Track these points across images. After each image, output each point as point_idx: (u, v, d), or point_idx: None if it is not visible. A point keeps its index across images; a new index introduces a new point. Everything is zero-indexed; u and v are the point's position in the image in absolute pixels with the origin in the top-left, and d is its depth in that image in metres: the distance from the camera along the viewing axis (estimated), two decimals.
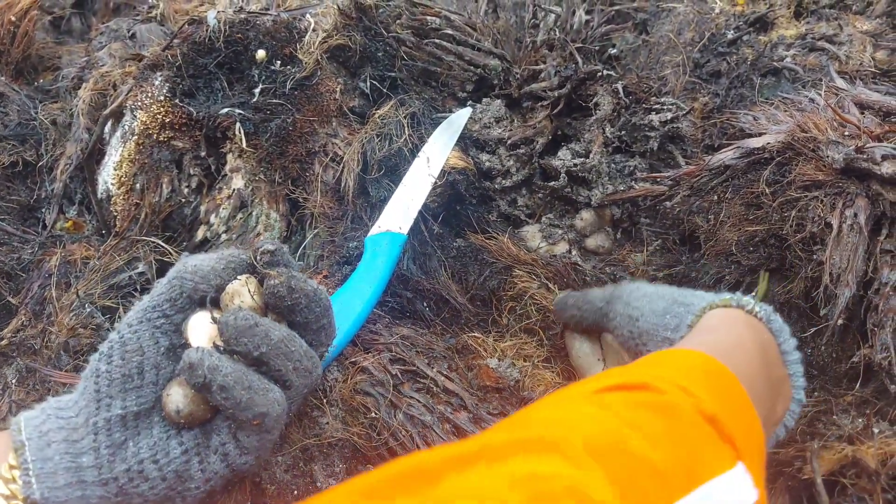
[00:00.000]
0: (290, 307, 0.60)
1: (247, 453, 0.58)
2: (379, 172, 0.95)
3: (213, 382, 0.54)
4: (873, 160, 0.70)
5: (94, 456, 0.55)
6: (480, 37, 1.02)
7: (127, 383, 0.57)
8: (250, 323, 0.57)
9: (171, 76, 1.01)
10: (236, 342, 0.57)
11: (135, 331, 0.58)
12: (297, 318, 0.61)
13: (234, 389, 0.55)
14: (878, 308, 0.69)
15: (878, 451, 0.63)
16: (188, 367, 0.54)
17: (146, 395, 0.58)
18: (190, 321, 0.59)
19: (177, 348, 0.59)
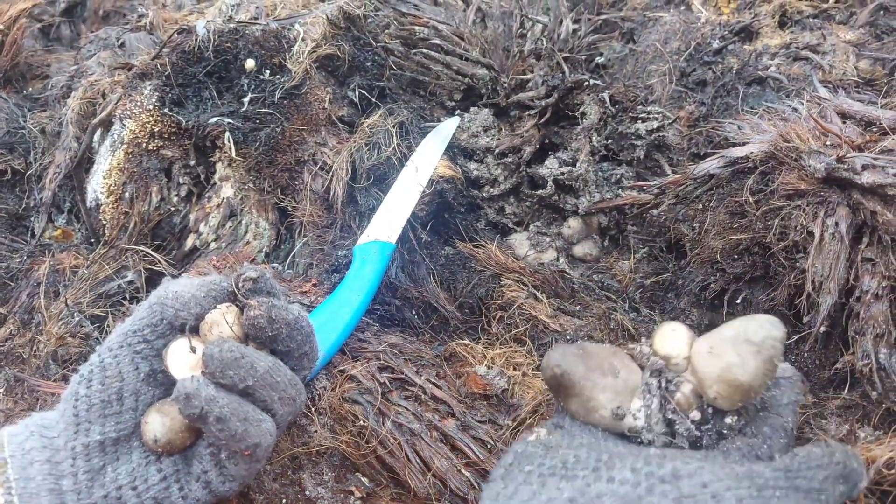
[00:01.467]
0: (271, 337, 0.60)
1: (231, 480, 0.58)
2: (367, 181, 0.96)
3: (209, 414, 0.54)
4: (854, 170, 0.71)
5: (73, 480, 0.55)
6: (468, 46, 1.03)
7: (106, 409, 0.57)
8: (236, 355, 0.57)
9: (160, 85, 1.02)
10: (222, 375, 0.56)
11: (115, 355, 0.58)
12: (278, 346, 0.61)
13: (230, 421, 0.55)
14: (859, 315, 0.70)
15: (860, 457, 0.64)
16: (184, 398, 0.54)
17: (125, 421, 0.57)
18: (170, 348, 0.59)
19: (157, 373, 0.59)
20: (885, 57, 1.14)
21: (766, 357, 0.48)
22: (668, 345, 0.53)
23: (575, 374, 0.51)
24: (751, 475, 0.43)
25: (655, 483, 0.42)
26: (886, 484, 0.63)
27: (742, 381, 0.48)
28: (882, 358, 0.67)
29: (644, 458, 0.45)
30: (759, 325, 0.50)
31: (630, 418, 0.52)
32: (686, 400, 0.51)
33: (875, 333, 0.68)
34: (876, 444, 0.65)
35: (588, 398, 0.51)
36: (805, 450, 0.46)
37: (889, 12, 1.24)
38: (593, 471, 0.45)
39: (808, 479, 0.43)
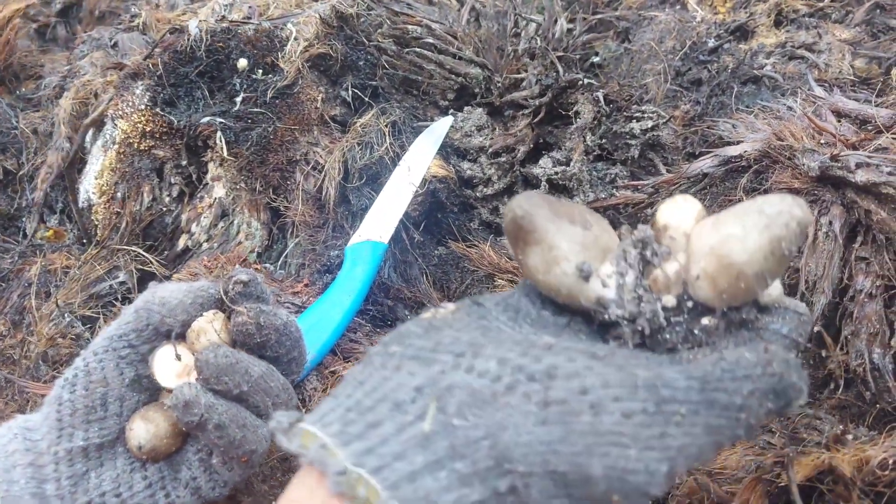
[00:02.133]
0: (259, 344, 0.59)
1: (222, 486, 0.57)
2: (360, 181, 0.95)
3: (209, 421, 0.54)
4: (848, 168, 0.70)
5: (56, 485, 0.54)
6: (462, 45, 1.03)
7: (90, 415, 0.56)
8: (231, 361, 0.56)
9: (151, 85, 1.01)
10: (217, 381, 0.56)
11: (100, 360, 0.57)
12: (267, 353, 0.61)
13: (229, 428, 0.54)
14: (853, 315, 0.69)
15: (853, 457, 0.63)
16: (183, 406, 0.53)
17: (109, 426, 0.57)
18: (156, 354, 0.58)
19: (142, 379, 0.59)
20: (880, 55, 1.13)
21: (774, 236, 0.37)
22: (672, 214, 0.42)
23: (537, 217, 0.41)
24: (653, 384, 0.34)
25: (521, 380, 0.34)
26: (881, 485, 0.63)
27: (735, 258, 0.38)
28: (876, 358, 0.66)
29: (523, 347, 0.36)
30: (780, 199, 0.38)
31: (597, 283, 0.41)
32: (665, 279, 0.41)
33: (869, 333, 0.67)
34: (870, 445, 0.65)
35: (550, 246, 0.41)
36: (735, 353, 0.37)
37: (885, 11, 1.23)
38: (456, 356, 0.36)
39: (730, 392, 0.35)
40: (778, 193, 0.39)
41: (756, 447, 0.74)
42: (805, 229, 0.38)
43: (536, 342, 0.37)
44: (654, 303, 0.41)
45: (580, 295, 0.41)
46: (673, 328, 0.41)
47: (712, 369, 0.35)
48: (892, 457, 0.62)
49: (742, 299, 0.39)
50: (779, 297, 0.41)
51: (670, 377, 0.35)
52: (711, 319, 0.40)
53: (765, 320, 0.41)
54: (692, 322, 0.41)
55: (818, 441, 0.68)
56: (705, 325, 0.40)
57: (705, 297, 0.40)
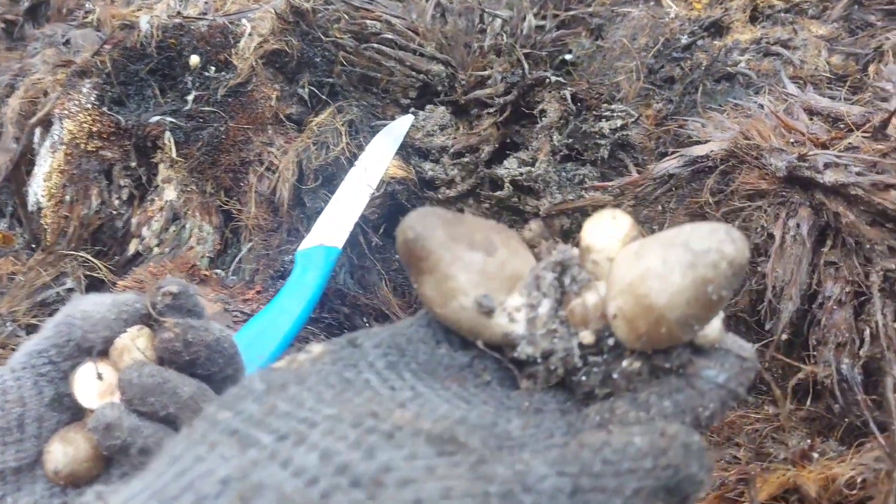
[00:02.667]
0: (188, 362, 0.55)
1: None
2: (315, 182, 0.91)
3: (132, 446, 0.50)
4: (816, 168, 0.67)
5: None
6: (423, 41, 0.99)
7: (5, 436, 0.52)
8: (157, 380, 0.52)
9: (99, 83, 0.97)
10: (141, 402, 0.51)
11: (17, 377, 0.53)
12: (198, 371, 0.57)
13: (155, 452, 0.50)
14: (821, 323, 0.66)
15: (819, 475, 0.60)
16: (104, 429, 0.49)
17: (27, 449, 0.53)
18: (77, 373, 0.54)
19: (63, 398, 0.55)
20: (857, 52, 1.10)
21: (699, 278, 0.31)
22: (596, 233, 0.35)
23: (430, 241, 0.35)
24: (509, 490, 0.27)
25: (341, 486, 0.27)
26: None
27: (654, 299, 0.31)
28: (844, 369, 0.63)
29: (361, 432, 0.29)
30: (710, 232, 0.31)
31: (503, 318, 0.35)
32: (583, 312, 0.35)
33: (837, 342, 0.64)
34: (837, 462, 0.61)
35: (444, 276, 0.35)
36: (623, 437, 0.29)
37: (863, 6, 1.20)
38: (279, 439, 0.29)
39: (609, 492, 0.28)
40: (710, 223, 0.32)
41: (722, 461, 0.70)
42: (740, 271, 0.31)
43: (384, 424, 0.30)
44: (570, 339, 0.35)
45: (483, 332, 0.36)
46: (590, 369, 0.35)
47: (592, 460, 0.29)
48: (860, 475, 0.58)
49: (665, 345, 0.34)
50: (718, 338, 0.34)
51: (537, 475, 0.28)
52: (634, 363, 0.34)
53: (699, 365, 0.34)
54: (613, 363, 0.35)
55: (785, 457, 0.65)
56: (626, 369, 0.34)
57: (624, 339, 0.34)
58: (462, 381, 0.36)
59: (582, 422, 0.34)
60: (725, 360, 0.34)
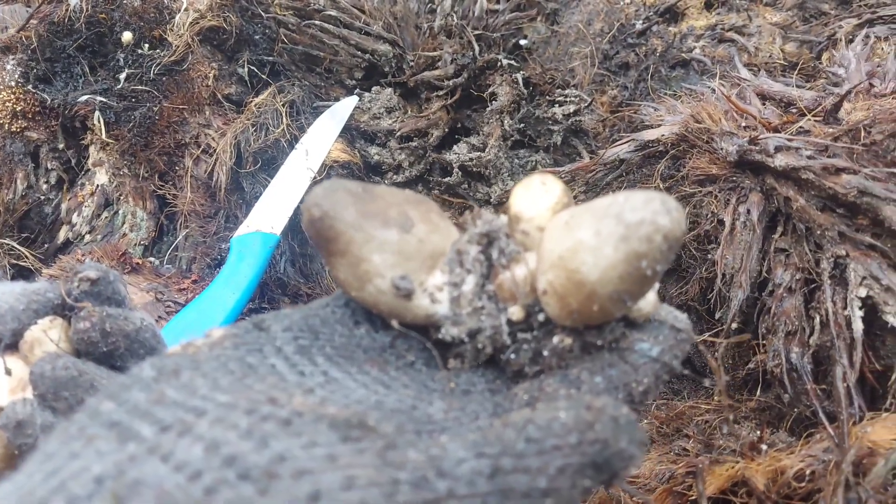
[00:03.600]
0: (106, 353, 0.51)
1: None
2: (255, 166, 0.87)
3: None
4: (767, 152, 0.65)
5: None
6: (370, 20, 0.95)
7: None
8: (72, 373, 0.48)
9: (24, 60, 0.91)
10: (55, 396, 0.47)
11: None
12: (116, 363, 0.53)
13: None
14: (771, 311, 0.64)
15: (767, 467, 0.58)
16: (14, 426, 0.46)
17: None
18: None
19: None
20: (811, 40, 1.09)
21: (632, 251, 0.29)
22: (524, 201, 0.33)
23: (340, 220, 0.32)
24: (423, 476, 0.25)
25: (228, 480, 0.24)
26: (797, 498, 0.58)
27: (585, 275, 0.29)
28: (794, 358, 0.61)
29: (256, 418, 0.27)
30: (644, 203, 0.29)
31: (425, 299, 0.33)
32: (512, 286, 0.32)
33: (787, 331, 0.62)
34: (786, 454, 0.60)
35: (357, 258, 0.32)
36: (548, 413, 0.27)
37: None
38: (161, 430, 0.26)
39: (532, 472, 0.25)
40: (645, 192, 0.30)
41: (671, 454, 0.68)
42: (675, 244, 0.29)
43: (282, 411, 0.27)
44: (498, 315, 0.33)
45: (404, 315, 0.33)
46: (520, 346, 0.33)
47: (515, 439, 0.26)
48: (808, 467, 0.56)
49: (597, 321, 0.32)
50: (653, 311, 0.33)
51: (453, 460, 0.25)
52: (565, 339, 0.32)
53: (633, 338, 0.32)
54: (543, 340, 0.33)
55: (734, 448, 0.63)
56: (557, 346, 0.32)
57: (554, 316, 0.32)
58: (382, 364, 0.33)
59: (510, 402, 0.32)
60: (660, 332, 0.33)
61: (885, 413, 0.59)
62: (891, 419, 0.57)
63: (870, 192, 0.58)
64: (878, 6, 1.08)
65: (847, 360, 0.59)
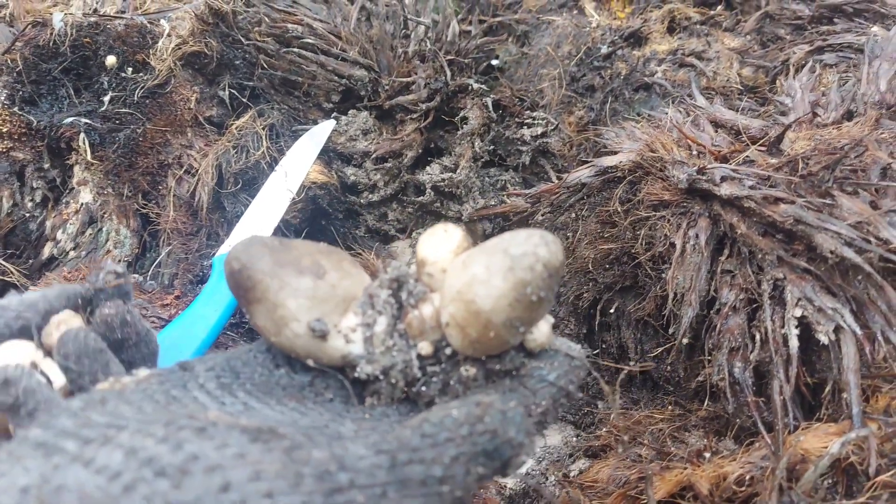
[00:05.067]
0: (118, 341, 0.56)
1: None
2: (235, 186, 0.91)
3: (22, 406, 0.49)
4: (713, 181, 0.70)
5: None
6: (346, 46, 0.99)
7: None
8: (98, 346, 0.52)
9: (10, 82, 0.94)
10: (77, 361, 0.52)
11: None
12: (122, 356, 0.57)
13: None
14: (717, 328, 0.69)
15: (712, 473, 0.63)
16: (1, 384, 0.49)
17: None
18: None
19: None
20: (767, 65, 1.15)
21: (518, 280, 0.33)
22: (429, 246, 0.37)
23: (257, 270, 0.35)
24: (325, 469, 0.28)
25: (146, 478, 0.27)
26: (737, 501, 0.63)
27: (480, 304, 0.33)
28: (737, 372, 0.66)
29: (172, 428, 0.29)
30: (525, 238, 0.34)
31: (339, 340, 0.36)
32: (420, 324, 0.36)
33: (731, 347, 0.67)
34: (729, 460, 0.65)
35: (274, 304, 0.35)
36: (442, 412, 0.31)
37: (774, 20, 1.25)
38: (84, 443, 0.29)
39: (427, 462, 0.29)
40: (526, 230, 0.34)
41: (627, 460, 0.73)
42: (555, 272, 0.34)
43: (197, 421, 0.30)
44: (408, 351, 0.36)
45: (320, 356, 0.36)
46: (430, 379, 0.36)
47: (411, 436, 0.30)
48: (748, 473, 0.61)
49: (496, 349, 0.35)
50: (547, 341, 0.37)
51: (355, 456, 0.29)
52: (469, 368, 0.36)
53: (531, 366, 0.37)
54: (451, 372, 0.36)
55: (682, 455, 0.68)
56: (463, 375, 0.36)
57: (458, 347, 0.36)
58: (301, 399, 0.36)
59: None
60: (555, 359, 0.37)
61: (817, 423, 0.64)
62: (822, 429, 0.63)
63: (804, 220, 0.64)
64: (829, 34, 1.14)
65: (784, 375, 0.64)
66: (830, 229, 0.63)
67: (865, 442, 0.60)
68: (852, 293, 0.63)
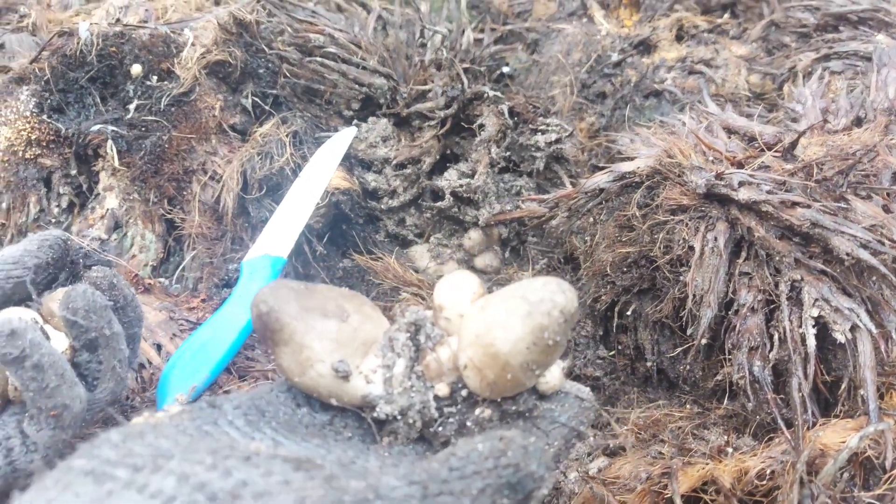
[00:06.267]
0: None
1: (34, 451, 0.53)
2: (260, 192, 0.93)
3: (27, 359, 0.51)
4: (731, 186, 0.73)
5: None
6: (366, 55, 1.01)
7: None
8: (104, 303, 0.56)
9: (38, 90, 0.96)
10: (85, 315, 0.55)
11: None
12: None
13: (47, 371, 0.52)
14: (735, 328, 0.71)
15: (734, 468, 0.65)
16: (7, 335, 0.50)
17: None
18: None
19: None
20: (773, 72, 1.18)
21: (535, 324, 0.35)
22: (446, 293, 0.39)
23: (284, 314, 0.37)
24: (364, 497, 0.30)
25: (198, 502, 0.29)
26: (759, 494, 0.65)
27: (499, 347, 0.35)
28: (756, 371, 0.69)
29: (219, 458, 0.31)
30: (543, 285, 0.36)
31: (360, 381, 0.38)
32: (438, 366, 0.38)
33: (750, 346, 0.70)
34: (750, 456, 0.67)
35: (300, 346, 0.37)
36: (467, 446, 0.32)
37: (779, 28, 1.28)
38: (134, 471, 0.30)
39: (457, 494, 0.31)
40: (543, 278, 0.37)
41: (648, 457, 0.76)
42: (570, 318, 0.36)
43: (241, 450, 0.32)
44: (426, 392, 0.38)
45: (342, 396, 0.38)
46: (446, 420, 0.38)
47: (439, 469, 0.32)
48: (769, 467, 0.64)
49: (512, 391, 0.37)
50: (559, 384, 0.40)
51: (388, 486, 0.31)
52: (486, 410, 0.38)
53: (543, 407, 0.39)
54: (467, 413, 0.38)
55: (704, 452, 0.70)
56: (479, 416, 0.38)
57: (475, 388, 0.37)
58: (323, 437, 0.38)
59: None
60: (566, 401, 0.40)
61: (834, 419, 0.66)
62: (840, 424, 0.65)
63: (821, 224, 0.66)
64: (835, 42, 1.17)
65: (802, 373, 0.67)
66: (846, 232, 0.65)
67: (882, 436, 0.62)
68: (868, 293, 0.66)
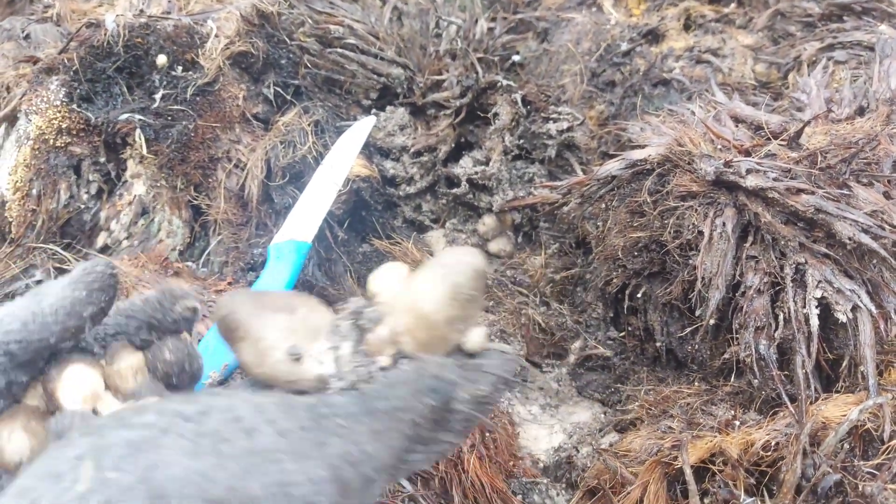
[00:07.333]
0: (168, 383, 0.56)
1: None
2: (283, 179, 0.96)
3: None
4: (739, 174, 0.76)
5: None
6: (384, 46, 1.05)
7: None
8: None
9: (67, 80, 0.99)
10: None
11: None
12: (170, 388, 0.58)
13: None
14: (742, 309, 0.75)
15: (740, 440, 0.69)
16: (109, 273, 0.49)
17: None
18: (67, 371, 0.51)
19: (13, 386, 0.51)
20: (779, 61, 1.21)
21: (452, 282, 0.41)
22: (379, 282, 0.45)
23: (240, 313, 0.43)
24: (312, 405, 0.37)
25: (176, 422, 0.34)
26: (764, 465, 0.69)
27: (425, 308, 0.41)
28: (762, 349, 0.72)
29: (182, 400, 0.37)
30: (454, 252, 0.43)
31: (313, 363, 0.43)
32: (378, 341, 0.44)
33: (756, 326, 0.73)
34: (756, 429, 0.71)
35: (257, 338, 0.43)
36: (395, 371, 0.41)
37: (785, 17, 1.31)
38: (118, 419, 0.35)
39: (389, 397, 0.38)
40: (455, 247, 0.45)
41: (658, 431, 0.80)
42: (481, 274, 0.43)
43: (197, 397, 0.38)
44: (370, 365, 0.43)
45: (298, 378, 0.43)
46: None
47: (372, 386, 0.40)
48: (773, 439, 0.68)
49: (444, 347, 0.44)
50: (483, 342, 0.46)
51: (331, 400, 0.38)
52: None
53: (472, 362, 0.45)
54: None
55: (711, 426, 0.74)
56: None
57: (413, 352, 0.43)
58: None
59: None
60: (491, 355, 0.46)
61: (836, 394, 0.70)
62: (841, 399, 0.69)
63: (824, 210, 0.70)
64: (839, 31, 1.20)
65: (805, 351, 0.70)
66: (849, 217, 0.69)
67: (881, 410, 0.66)
68: (868, 276, 0.70)
